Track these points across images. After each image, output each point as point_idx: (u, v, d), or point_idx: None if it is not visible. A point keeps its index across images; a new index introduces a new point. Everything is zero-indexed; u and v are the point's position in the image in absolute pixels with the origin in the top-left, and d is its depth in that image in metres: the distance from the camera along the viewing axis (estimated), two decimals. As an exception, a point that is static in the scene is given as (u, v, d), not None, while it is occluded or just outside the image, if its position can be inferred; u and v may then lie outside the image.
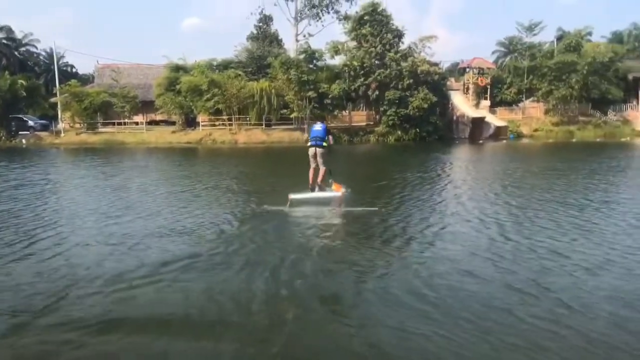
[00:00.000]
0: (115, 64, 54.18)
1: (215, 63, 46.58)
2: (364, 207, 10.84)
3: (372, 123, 43.18)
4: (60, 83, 49.10)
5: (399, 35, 40.72)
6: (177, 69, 45.55)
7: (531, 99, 46.11)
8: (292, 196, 10.99)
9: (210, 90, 40.65)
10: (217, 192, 13.80)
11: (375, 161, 26.21)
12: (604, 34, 54.65)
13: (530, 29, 46.23)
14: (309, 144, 11.69)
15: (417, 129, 38.78)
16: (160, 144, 40.11)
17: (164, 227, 9.26)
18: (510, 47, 49.24)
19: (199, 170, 21.19)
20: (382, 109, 40.23)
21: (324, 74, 40.69)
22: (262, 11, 53.60)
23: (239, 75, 42.28)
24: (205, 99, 40.96)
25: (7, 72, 49.31)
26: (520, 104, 46.25)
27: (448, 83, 45.63)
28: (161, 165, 24.31)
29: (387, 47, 39.29)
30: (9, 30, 66.77)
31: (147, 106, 49.20)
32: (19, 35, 68.35)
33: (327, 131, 11.68)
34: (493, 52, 55.84)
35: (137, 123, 47.66)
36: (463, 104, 43.23)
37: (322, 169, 11.49)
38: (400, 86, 38.37)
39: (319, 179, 11.50)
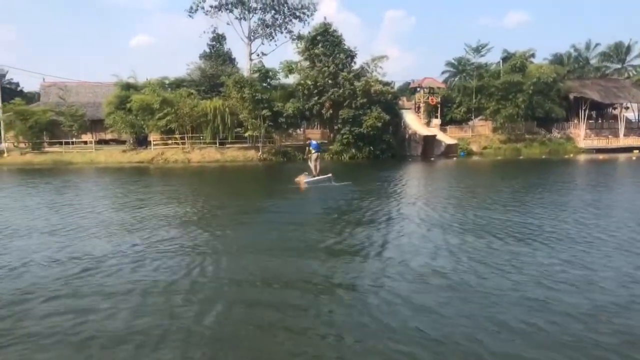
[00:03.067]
0: (63, 81, 52.70)
1: (167, 82, 46.06)
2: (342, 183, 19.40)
3: (326, 141, 43.45)
4: (4, 101, 47.24)
5: (351, 55, 41.46)
6: (128, 87, 44.73)
7: (480, 117, 47.66)
8: (305, 179, 18.98)
9: (162, 109, 40.08)
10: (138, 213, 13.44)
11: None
12: (545, 56, 57.21)
13: (477, 50, 47.88)
14: (313, 150, 20.62)
15: (371, 147, 39.31)
16: (110, 164, 39.04)
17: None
18: (459, 67, 50.79)
19: (138, 189, 20.50)
20: (336, 127, 40.63)
21: (278, 93, 40.88)
22: (214, 30, 53.49)
23: (192, 94, 41.92)
24: (157, 118, 40.32)
25: (-55, 90, 47.13)
26: (470, 123, 47.72)
27: (400, 102, 46.61)
28: (103, 186, 23.53)
29: (340, 66, 39.86)
30: (-52, 46, 63.96)
31: (96, 125, 48.02)
32: (-41, 51, 65.59)
33: (319, 145, 22.03)
34: (443, 72, 57.30)
35: (85, 142, 46.32)
36: (415, 123, 44.19)
37: (319, 166, 20.49)
38: (354, 105, 38.86)
39: (318, 170, 20.31)
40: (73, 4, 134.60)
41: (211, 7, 48.50)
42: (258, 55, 49.50)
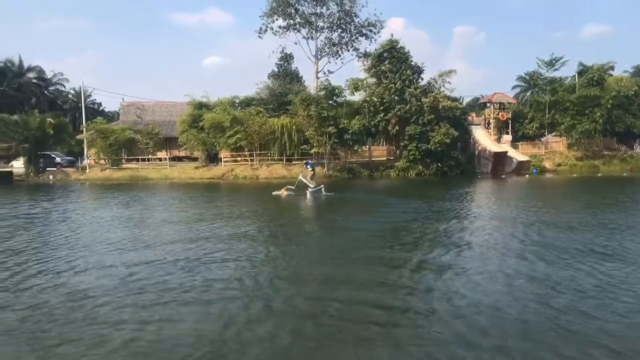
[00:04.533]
0: (140, 101, 55.64)
1: (237, 100, 47.43)
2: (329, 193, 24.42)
3: (392, 158, 43.20)
4: (87, 120, 50.40)
5: (419, 71, 41.09)
6: (200, 106, 46.36)
7: (553, 133, 45.73)
8: (287, 192, 24.67)
9: (232, 127, 41.27)
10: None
11: (396, 194, 26.04)
12: (626, 69, 54.30)
13: (551, 64, 45.92)
14: (309, 169, 26.79)
15: (439, 164, 38.68)
16: (183, 180, 40.56)
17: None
18: (531, 82, 49.25)
19: (212, 201, 21.25)
20: (402, 143, 40.31)
21: (344, 110, 41.05)
22: (283, 50, 54.84)
23: (261, 112, 42.93)
24: (227, 136, 41.56)
25: (36, 111, 50.84)
26: (543, 139, 45.87)
27: (469, 118, 45.65)
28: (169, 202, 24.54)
29: (407, 83, 39.59)
30: (39, 70, 69.38)
31: (170, 142, 50.10)
32: (49, 75, 71.03)
33: (313, 164, 28.66)
34: (513, 87, 55.93)
35: (160, 159, 48.41)
36: (485, 139, 43.04)
37: (313, 180, 25.83)
38: (420, 121, 38.45)
39: (314, 184, 25.38)
40: (150, 28, 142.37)
41: (280, 27, 49.83)
42: (324, 73, 50.29)
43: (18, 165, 46.32)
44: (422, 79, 41.55)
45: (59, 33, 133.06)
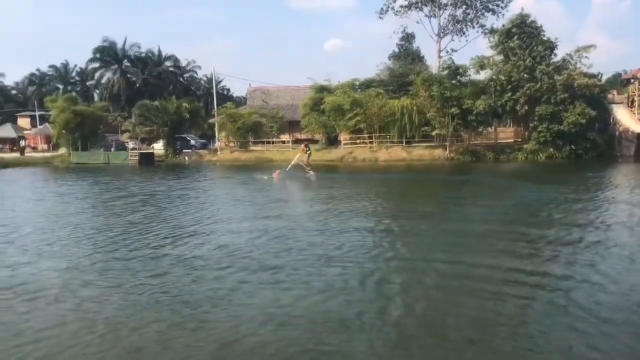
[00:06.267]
0: (265, 86, 57.93)
1: (357, 83, 47.47)
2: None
3: (520, 140, 40.77)
4: (217, 105, 53.64)
5: (551, 47, 38.04)
6: (322, 89, 47.02)
7: None
8: (309, 173, 26.93)
9: (352, 109, 41.50)
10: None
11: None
12: None
13: None
14: (308, 151, 29.71)
15: (572, 146, 35.79)
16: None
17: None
18: (687, 53, 43.63)
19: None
20: (531, 125, 37.83)
21: (468, 90, 39.33)
22: (404, 30, 53.86)
23: (380, 93, 42.58)
24: (347, 118, 41.91)
25: (174, 97, 55.12)
26: (702, 118, 40.47)
27: (609, 96, 41.54)
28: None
29: (538, 59, 36.85)
30: (175, 59, 75.23)
31: (293, 126, 51.66)
32: (183, 63, 76.76)
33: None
34: (665, 60, 49.98)
35: (284, 142, 50.14)
36: (627, 119, 39.01)
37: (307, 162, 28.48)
38: (552, 100, 35.73)
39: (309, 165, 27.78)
40: (274, 14, 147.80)
41: (401, 7, 49.00)
42: (447, 52, 48.68)
43: (158, 147, 50.83)
44: (555, 55, 38.51)
45: (189, 22, 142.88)
